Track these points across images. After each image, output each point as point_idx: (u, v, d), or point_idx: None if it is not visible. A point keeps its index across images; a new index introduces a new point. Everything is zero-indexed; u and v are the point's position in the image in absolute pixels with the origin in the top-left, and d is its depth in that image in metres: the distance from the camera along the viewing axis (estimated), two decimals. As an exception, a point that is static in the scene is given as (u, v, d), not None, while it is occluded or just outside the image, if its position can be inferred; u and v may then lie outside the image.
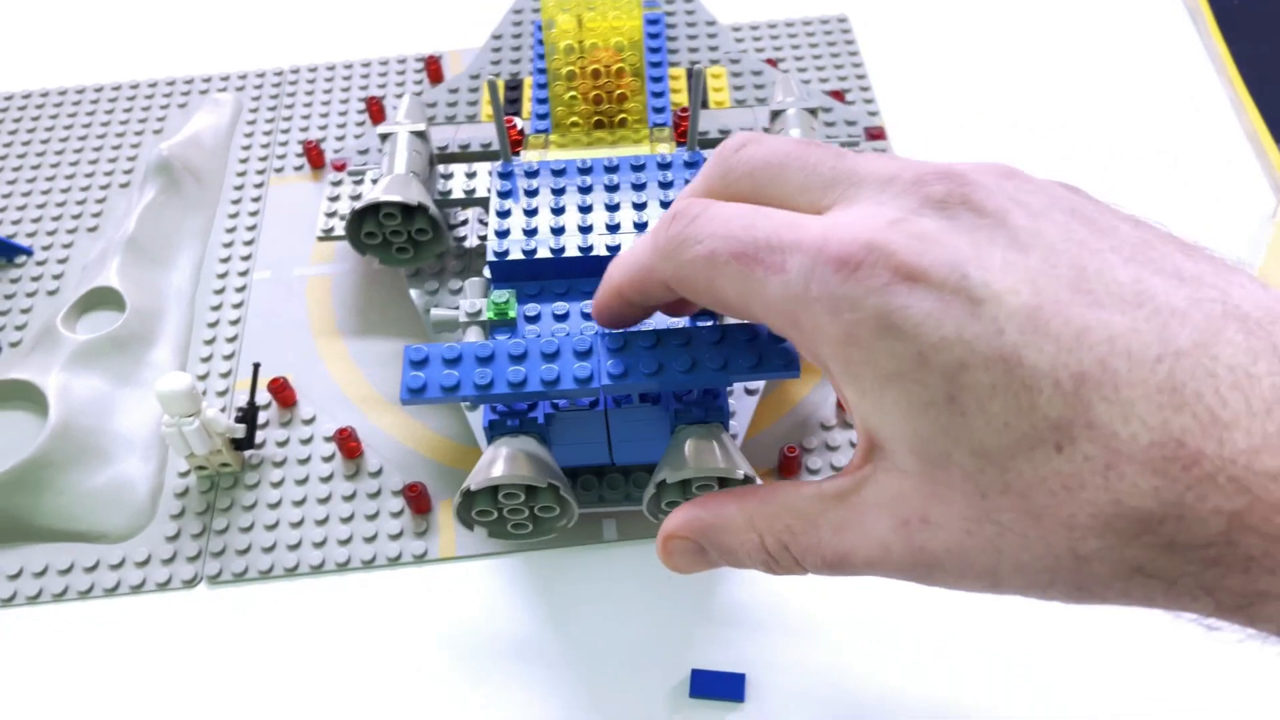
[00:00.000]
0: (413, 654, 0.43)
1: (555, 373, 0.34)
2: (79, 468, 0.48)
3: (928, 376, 0.22)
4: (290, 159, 0.62)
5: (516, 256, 0.40)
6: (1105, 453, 0.21)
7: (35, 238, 0.59)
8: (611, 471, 0.43)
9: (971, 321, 0.22)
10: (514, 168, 0.43)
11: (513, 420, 0.38)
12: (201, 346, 0.53)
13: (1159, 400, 0.20)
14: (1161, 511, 0.20)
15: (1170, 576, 0.21)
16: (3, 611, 0.45)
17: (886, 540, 0.25)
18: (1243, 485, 0.20)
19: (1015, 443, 0.22)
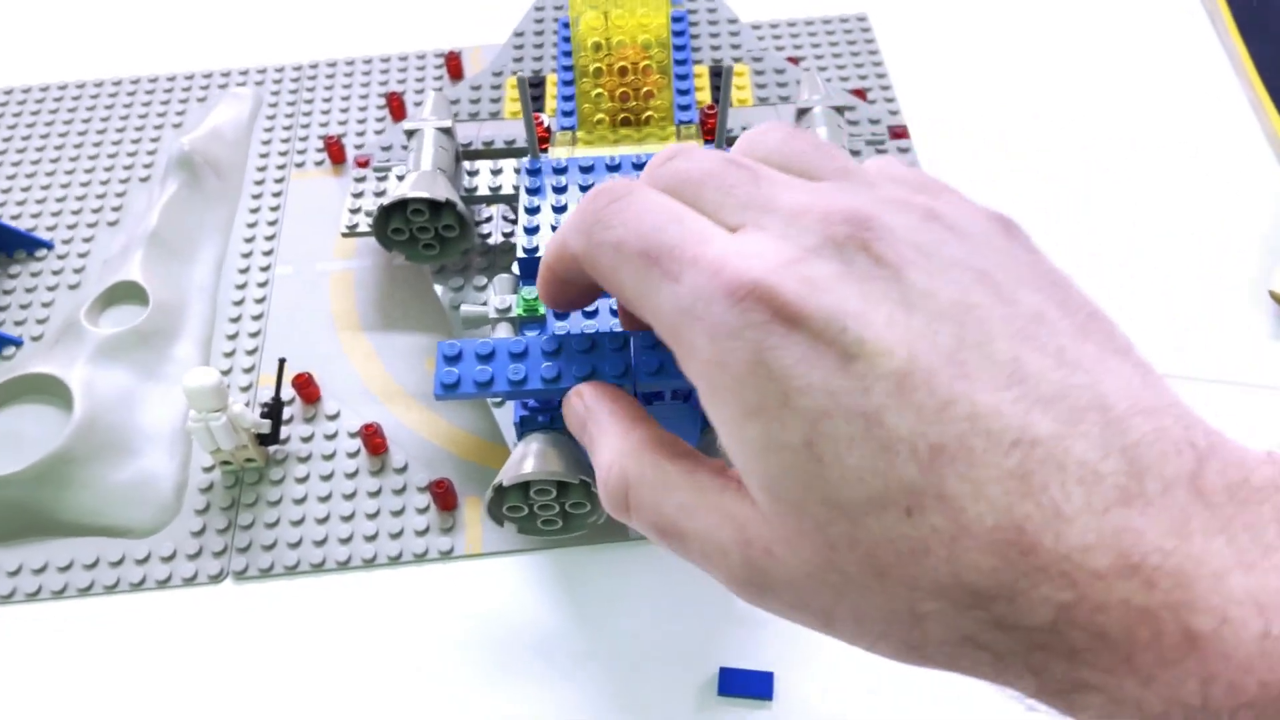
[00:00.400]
0: (439, 651, 0.43)
1: (590, 368, 0.34)
2: (103, 462, 0.48)
3: (789, 418, 0.22)
4: (311, 154, 0.62)
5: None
6: (952, 526, 0.21)
7: (55, 231, 0.59)
8: None
9: (840, 375, 0.22)
10: (542, 164, 0.43)
11: (544, 416, 0.38)
12: (224, 341, 0.53)
13: (1008, 485, 0.21)
14: (995, 590, 0.21)
15: (998, 651, 0.21)
16: (28, 606, 0.45)
17: (726, 549, 0.25)
18: (1072, 580, 0.20)
19: (868, 500, 0.22)
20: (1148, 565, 0.20)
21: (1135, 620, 0.20)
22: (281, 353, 0.52)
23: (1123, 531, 0.20)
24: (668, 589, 0.44)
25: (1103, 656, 0.20)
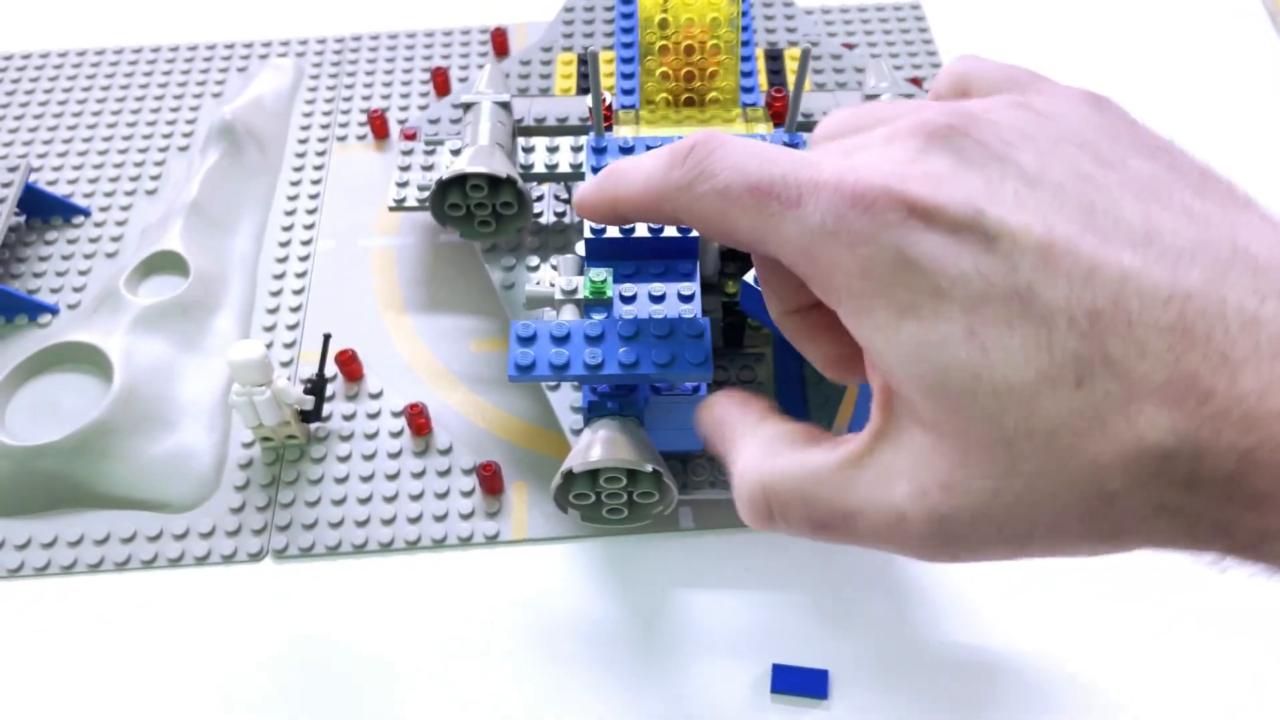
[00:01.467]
0: (483, 637, 0.42)
1: (670, 355, 0.33)
2: (142, 434, 0.47)
3: (946, 309, 0.22)
4: (353, 128, 0.60)
5: (614, 234, 0.39)
6: (1124, 388, 0.21)
7: (93, 198, 0.58)
8: (696, 458, 0.42)
9: (987, 257, 0.22)
10: (607, 143, 0.42)
11: (613, 403, 0.37)
12: (264, 315, 0.52)
13: (1171, 340, 0.20)
14: (1179, 447, 0.20)
15: (1190, 514, 0.21)
16: (64, 579, 0.44)
17: (902, 508, 0.24)
18: (1253, 422, 0.20)
19: (1036, 378, 0.21)
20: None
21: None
22: (323, 328, 0.51)
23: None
24: (718, 582, 0.43)
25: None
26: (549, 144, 0.48)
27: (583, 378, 0.34)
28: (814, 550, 0.44)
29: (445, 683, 0.41)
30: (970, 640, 0.41)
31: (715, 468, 0.42)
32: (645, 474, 0.36)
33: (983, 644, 0.41)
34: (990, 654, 0.41)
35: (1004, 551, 0.24)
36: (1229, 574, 0.22)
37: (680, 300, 0.38)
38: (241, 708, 0.40)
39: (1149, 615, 0.42)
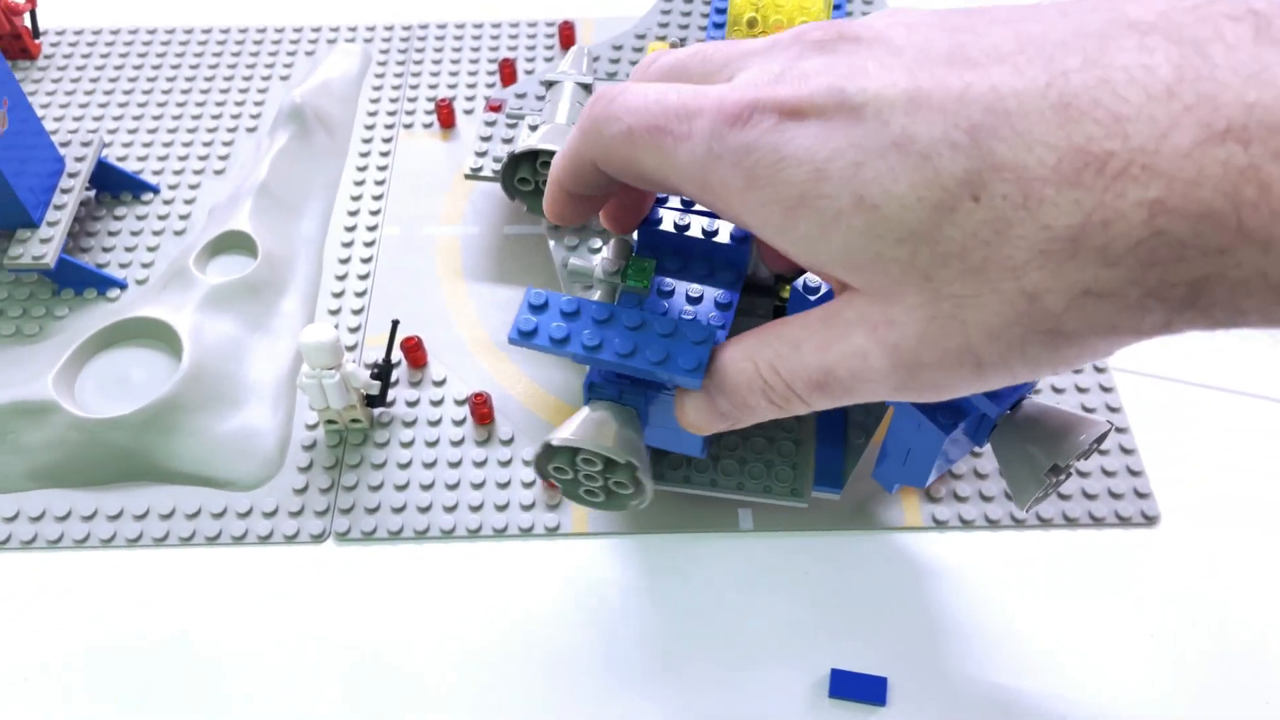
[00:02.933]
0: (541, 629, 0.42)
1: (664, 353, 0.33)
2: (209, 412, 0.47)
3: (829, 187, 0.23)
4: (419, 115, 0.61)
5: (668, 228, 0.39)
6: (1019, 186, 0.21)
7: (162, 176, 0.58)
8: (753, 460, 0.42)
9: (857, 127, 0.23)
10: None
11: (613, 389, 0.37)
12: (330, 299, 0.53)
13: (1055, 120, 0.20)
14: (1084, 222, 0.20)
15: (1118, 289, 0.21)
16: (128, 551, 0.45)
17: (863, 348, 0.25)
18: (1155, 171, 0.19)
19: (930, 212, 0.22)
20: (1236, 124, 0.19)
21: (1237, 181, 0.19)
22: (388, 314, 0.51)
23: (1194, 105, 0.19)
24: (778, 584, 0.43)
25: (1210, 237, 0.19)
26: None
27: (578, 356, 0.34)
28: (874, 555, 0.44)
29: (501, 673, 0.41)
30: (1031, 653, 0.41)
31: (772, 473, 0.42)
32: (621, 465, 0.36)
33: (1044, 658, 0.41)
34: (1052, 668, 0.41)
35: (964, 375, 0.24)
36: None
37: (716, 307, 0.37)
38: (300, 685, 0.41)
39: (1219, 633, 0.41)
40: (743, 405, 0.30)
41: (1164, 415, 0.48)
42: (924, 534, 0.44)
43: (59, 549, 0.45)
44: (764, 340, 0.29)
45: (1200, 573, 0.43)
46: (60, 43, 0.65)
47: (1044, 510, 0.45)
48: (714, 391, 0.31)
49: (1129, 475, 0.46)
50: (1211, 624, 0.42)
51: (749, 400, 0.30)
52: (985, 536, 0.44)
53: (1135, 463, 0.46)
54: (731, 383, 0.30)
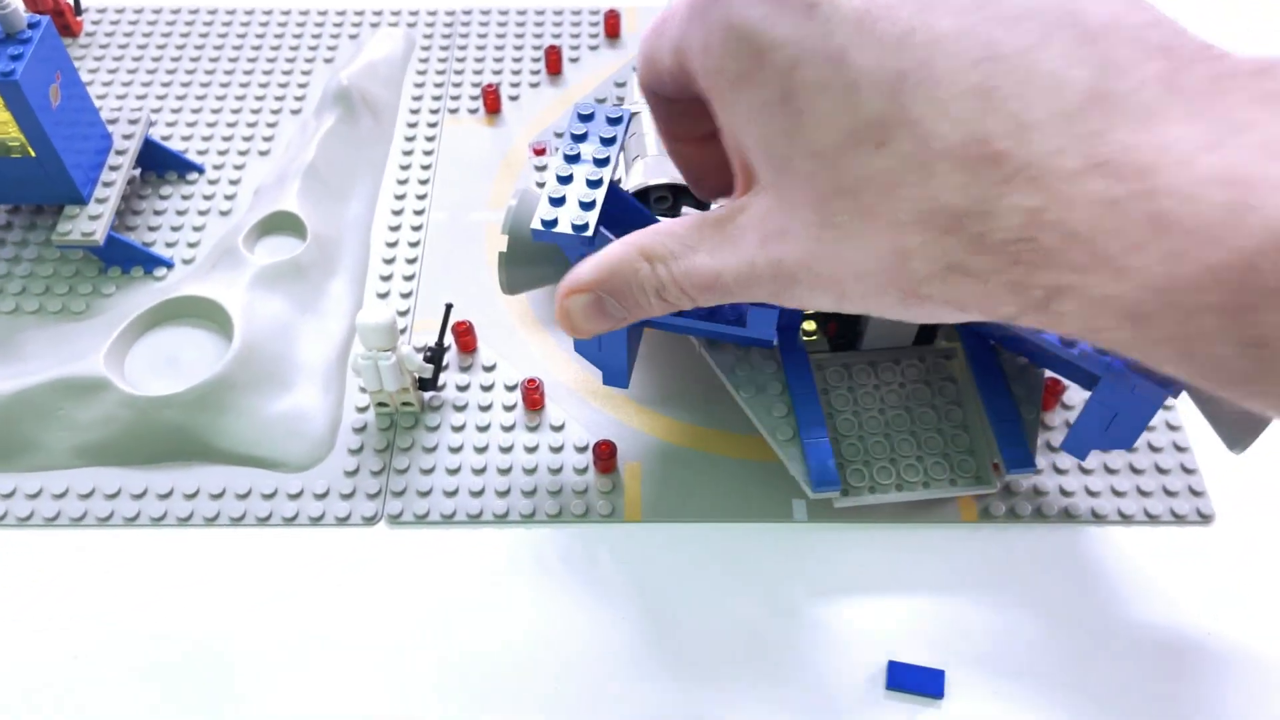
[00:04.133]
0: (595, 613, 0.42)
1: None
2: (260, 392, 0.47)
3: (765, 75, 0.24)
4: (464, 100, 0.61)
5: None
6: (921, 150, 0.21)
7: (207, 156, 0.58)
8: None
9: (805, 23, 0.23)
10: None
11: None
12: (379, 282, 0.52)
13: (971, 102, 0.21)
14: (969, 207, 0.21)
15: (982, 274, 0.22)
16: (179, 530, 0.44)
17: (752, 257, 0.26)
18: (1041, 185, 0.20)
19: (843, 140, 0.23)
20: (1115, 161, 0.20)
21: (1102, 213, 0.20)
22: (436, 299, 0.51)
23: (1089, 134, 0.20)
24: (833, 574, 0.43)
25: (1074, 255, 0.20)
26: None
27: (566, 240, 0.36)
28: (929, 549, 0.44)
29: (555, 657, 0.41)
30: (1086, 648, 0.41)
31: (872, 472, 0.42)
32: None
33: (1098, 654, 0.41)
34: (1107, 664, 0.41)
35: (827, 299, 0.26)
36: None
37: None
38: (351, 667, 0.41)
39: (1275, 632, 0.41)
40: (633, 305, 0.31)
41: (1217, 414, 0.48)
42: (980, 527, 0.44)
43: (109, 526, 0.44)
44: (656, 238, 0.29)
45: (1256, 571, 0.43)
46: (102, 20, 0.65)
47: (1099, 506, 0.44)
48: (605, 294, 0.31)
49: (1183, 473, 0.46)
50: (1267, 623, 0.42)
51: (639, 300, 0.30)
52: (1041, 531, 0.44)
53: (1190, 460, 0.46)
54: (623, 283, 0.30)
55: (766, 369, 0.44)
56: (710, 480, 0.46)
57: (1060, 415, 0.47)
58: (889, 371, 0.45)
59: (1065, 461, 0.46)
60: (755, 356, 0.44)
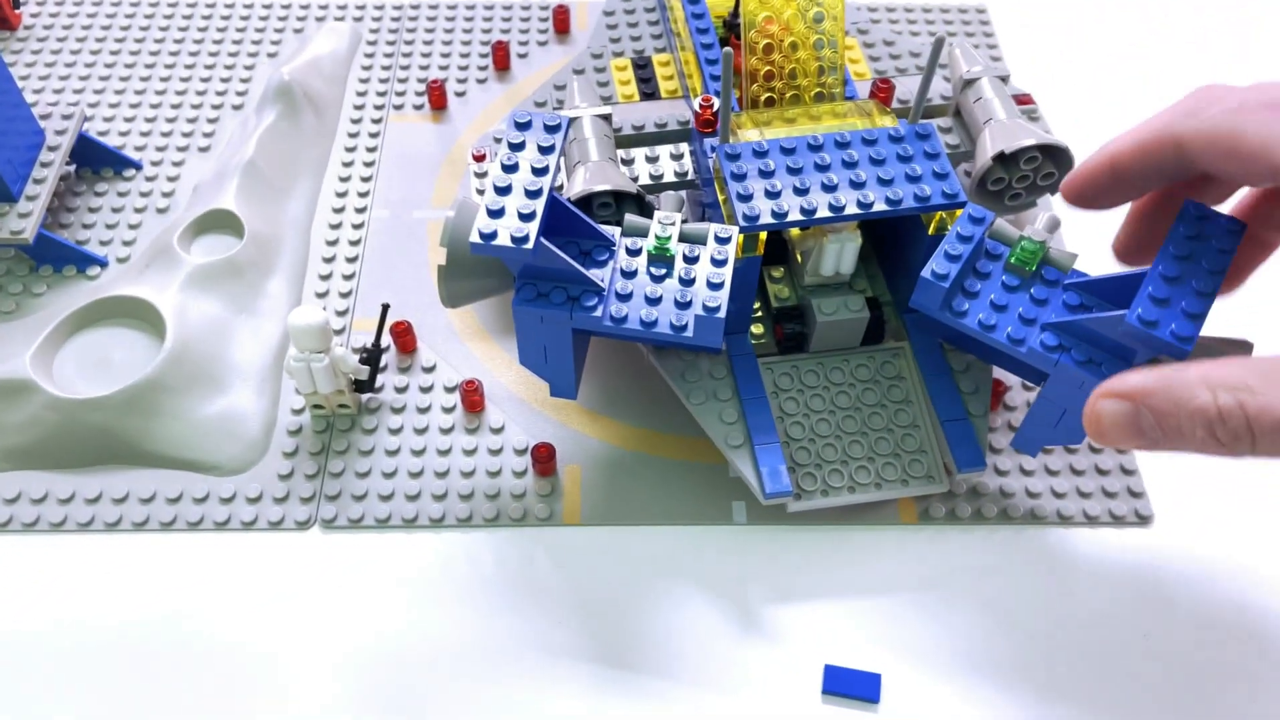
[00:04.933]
0: (532, 618, 0.41)
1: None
2: (193, 394, 0.46)
3: None
4: (410, 97, 0.60)
5: (767, 220, 0.39)
6: None
7: (145, 152, 0.57)
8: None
9: None
10: (741, 149, 0.41)
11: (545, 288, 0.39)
12: (318, 281, 0.52)
13: None
14: None
15: None
16: (107, 536, 0.44)
17: None
18: None
19: None
20: None
21: None
22: (376, 298, 0.50)
23: None
24: (775, 577, 0.43)
25: None
26: (648, 154, 0.47)
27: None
28: (868, 551, 0.43)
29: (492, 663, 0.40)
30: (1024, 650, 0.41)
31: (824, 475, 0.42)
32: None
33: (1037, 655, 0.41)
34: (1045, 665, 0.40)
35: None
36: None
37: (712, 263, 0.39)
38: (285, 673, 0.40)
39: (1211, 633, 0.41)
40: (1174, 432, 0.28)
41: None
42: (919, 529, 0.44)
43: (34, 532, 0.44)
44: (1231, 369, 0.27)
45: (1194, 573, 0.43)
46: (41, 13, 0.64)
47: (1038, 507, 0.44)
48: (1147, 412, 0.29)
49: (1122, 474, 0.46)
50: (1204, 623, 0.42)
51: (1184, 428, 0.28)
52: (980, 533, 0.44)
53: (1129, 462, 0.46)
54: (1173, 409, 0.28)
55: (716, 374, 0.43)
56: (650, 483, 0.45)
57: (1002, 416, 0.47)
58: (838, 372, 0.44)
59: (1006, 463, 0.46)
60: (704, 362, 0.43)
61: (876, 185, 0.40)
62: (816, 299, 0.43)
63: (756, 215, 0.39)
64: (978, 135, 0.47)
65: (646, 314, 0.38)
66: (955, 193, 0.40)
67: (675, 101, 0.52)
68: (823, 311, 0.43)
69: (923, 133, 0.41)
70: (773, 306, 0.45)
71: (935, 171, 0.40)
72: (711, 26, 0.50)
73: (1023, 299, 0.37)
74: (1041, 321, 0.37)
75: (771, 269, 0.46)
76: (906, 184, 0.40)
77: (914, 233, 0.42)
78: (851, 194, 0.40)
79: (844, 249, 0.42)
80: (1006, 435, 0.47)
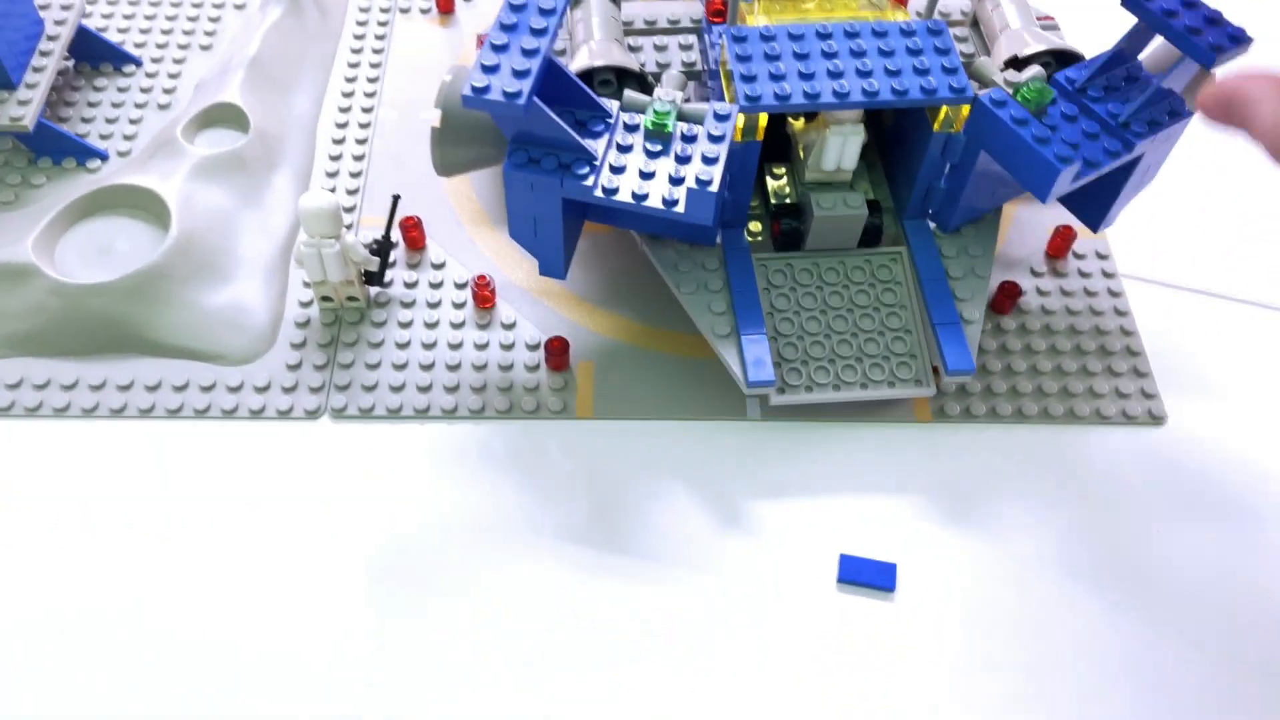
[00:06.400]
0: (547, 508, 0.41)
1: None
2: (199, 283, 0.45)
3: None
4: (417, 0, 0.59)
5: (770, 102, 0.38)
6: None
7: (145, 49, 0.56)
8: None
9: None
10: (747, 32, 0.40)
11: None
12: (324, 178, 0.51)
13: None
14: None
15: None
16: (111, 422, 0.43)
17: None
18: None
19: None
20: None
21: None
22: (383, 195, 0.50)
23: None
24: (789, 471, 0.43)
25: None
26: (657, 42, 0.47)
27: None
28: (882, 447, 0.43)
29: (501, 552, 0.40)
30: (1033, 548, 0.41)
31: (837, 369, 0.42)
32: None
33: (1046, 553, 0.41)
34: (1053, 563, 0.41)
35: None
36: None
37: (708, 139, 0.38)
38: (295, 563, 0.39)
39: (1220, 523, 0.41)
40: (1257, 122, 0.29)
41: (1171, 321, 0.48)
42: (934, 427, 0.44)
43: (38, 417, 0.43)
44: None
45: (1206, 470, 0.43)
46: (35, -91, 0.62)
47: (1051, 407, 0.44)
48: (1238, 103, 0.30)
49: (1136, 376, 0.46)
50: (1215, 521, 0.42)
51: (1265, 123, 0.29)
52: (994, 431, 0.44)
53: (1143, 364, 0.46)
54: (1256, 108, 0.29)
55: (709, 265, 0.43)
56: (663, 378, 0.45)
57: (1016, 319, 0.47)
58: (832, 273, 0.44)
59: (1020, 364, 0.45)
60: (698, 254, 0.43)
61: (883, 75, 0.39)
62: (816, 194, 0.43)
63: (758, 96, 0.39)
64: (992, 44, 0.47)
65: (639, 187, 0.37)
66: (963, 87, 0.39)
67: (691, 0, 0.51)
68: (820, 206, 0.43)
69: (934, 29, 0.41)
70: (771, 204, 0.45)
71: (944, 66, 0.40)
72: None
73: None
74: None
75: (774, 166, 0.45)
76: (914, 76, 0.39)
77: (919, 132, 0.42)
78: (857, 82, 0.39)
79: (847, 142, 0.42)
80: (1020, 337, 0.46)
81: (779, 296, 0.43)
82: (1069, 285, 0.49)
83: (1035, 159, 0.38)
